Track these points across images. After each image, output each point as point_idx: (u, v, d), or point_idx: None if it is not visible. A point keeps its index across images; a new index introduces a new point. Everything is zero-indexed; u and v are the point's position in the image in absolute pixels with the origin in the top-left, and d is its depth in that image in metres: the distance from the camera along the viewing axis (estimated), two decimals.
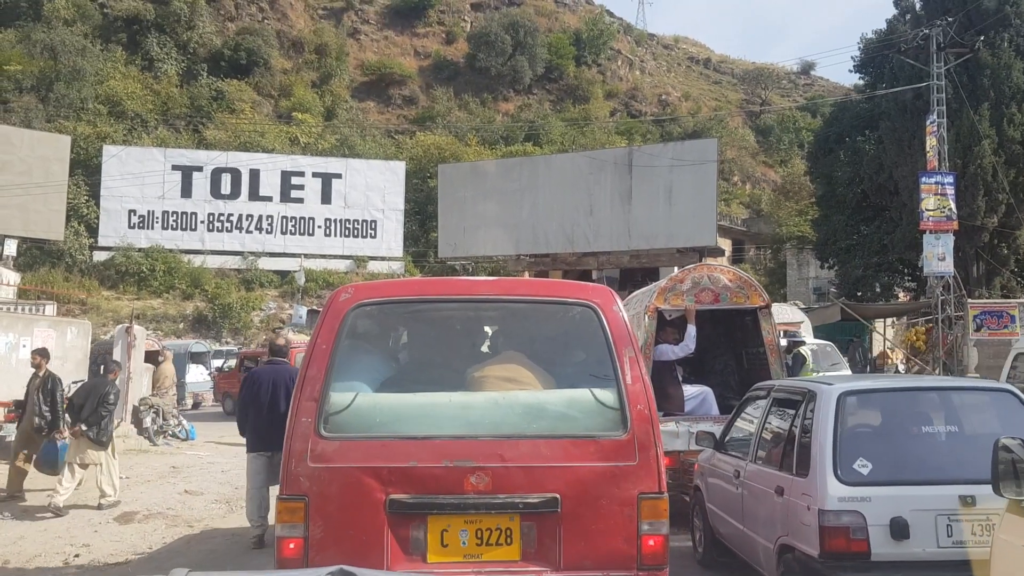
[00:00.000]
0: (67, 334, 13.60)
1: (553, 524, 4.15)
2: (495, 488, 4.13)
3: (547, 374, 4.66)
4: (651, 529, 4.17)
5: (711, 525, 6.75)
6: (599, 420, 4.34)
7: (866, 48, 27.25)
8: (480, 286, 5.10)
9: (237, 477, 11.51)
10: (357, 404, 4.32)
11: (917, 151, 22.89)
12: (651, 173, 35.37)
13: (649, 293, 9.16)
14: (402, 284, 7.09)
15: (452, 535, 4.15)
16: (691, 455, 7.96)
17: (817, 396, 5.07)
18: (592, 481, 4.19)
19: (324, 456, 4.14)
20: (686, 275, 8.89)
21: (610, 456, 4.21)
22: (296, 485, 4.12)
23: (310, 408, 4.20)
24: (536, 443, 4.23)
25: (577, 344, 4.83)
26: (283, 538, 4.08)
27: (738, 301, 8.87)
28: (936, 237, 20.83)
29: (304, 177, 42.97)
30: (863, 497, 4.54)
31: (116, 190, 40.75)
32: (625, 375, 4.31)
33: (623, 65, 69.29)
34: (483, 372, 4.66)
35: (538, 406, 4.48)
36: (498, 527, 4.16)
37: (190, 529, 8.74)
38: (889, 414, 5.09)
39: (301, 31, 57.41)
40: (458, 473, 4.14)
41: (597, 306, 4.51)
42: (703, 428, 7.38)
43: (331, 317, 4.41)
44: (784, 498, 5.10)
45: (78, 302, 37.87)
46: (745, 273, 9.45)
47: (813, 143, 31.53)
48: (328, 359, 4.29)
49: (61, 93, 44.99)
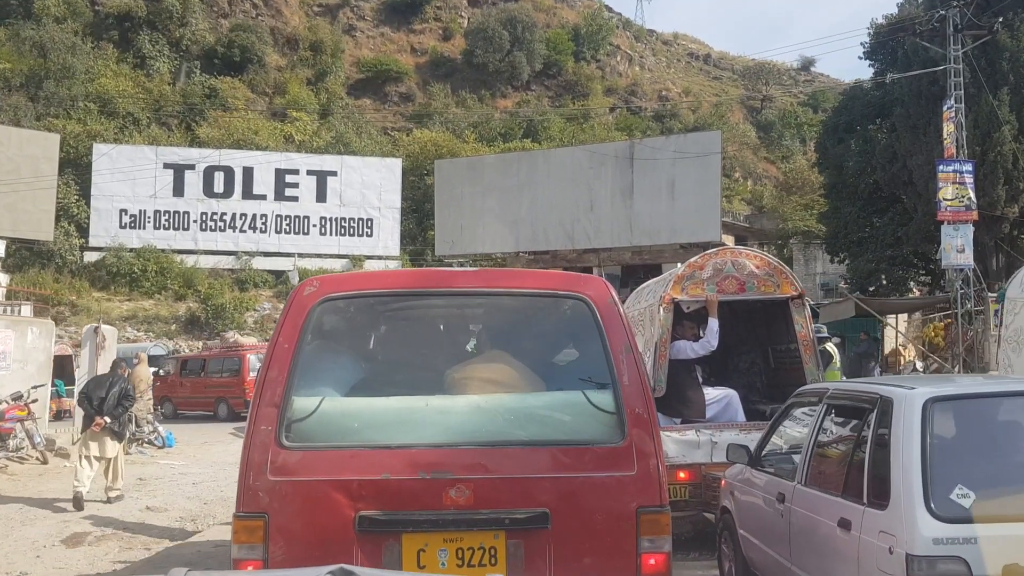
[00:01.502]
0: (27, 335, 12.60)
1: (543, 542, 3.75)
2: (477, 502, 3.73)
3: (535, 375, 4.24)
4: (652, 546, 3.75)
5: (745, 555, 5.70)
6: (593, 426, 3.96)
7: (876, 33, 26.24)
8: (461, 277, 4.61)
9: (208, 490, 10.62)
10: (323, 410, 3.89)
11: (933, 139, 21.93)
12: (653, 167, 34.54)
13: (664, 282, 8.05)
14: (374, 276, 6.02)
15: (430, 555, 3.74)
16: (715, 468, 6.96)
17: (894, 404, 3.97)
18: (586, 493, 3.80)
19: (286, 468, 3.73)
20: (707, 261, 7.76)
21: (606, 465, 3.81)
22: (255, 502, 3.70)
23: (270, 415, 3.77)
24: (523, 452, 3.85)
25: (568, 341, 4.43)
26: (240, 560, 3.67)
27: (767, 290, 7.72)
28: (955, 228, 19.88)
29: (299, 175, 42.25)
30: (966, 538, 3.46)
31: (107, 189, 40.10)
32: (622, 375, 3.89)
33: (622, 61, 68.52)
34: (464, 373, 4.22)
35: (525, 410, 4.10)
36: (481, 546, 3.75)
37: (146, 552, 7.78)
38: (993, 427, 4.00)
39: (296, 28, 56.67)
40: (436, 486, 3.73)
41: (590, 299, 4.07)
42: (735, 440, 6.34)
43: (294, 313, 3.97)
44: (852, 534, 4.01)
45: (67, 304, 37.23)
46: (774, 258, 8.26)
47: (822, 132, 30.56)
48: (291, 360, 3.86)
49: (51, 91, 44.41)
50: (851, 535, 4.02)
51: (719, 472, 6.72)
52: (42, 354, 12.82)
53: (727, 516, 6.14)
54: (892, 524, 3.68)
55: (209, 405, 23.43)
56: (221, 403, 23.26)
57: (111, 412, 10.16)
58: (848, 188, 26.32)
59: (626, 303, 9.93)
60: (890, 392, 4.12)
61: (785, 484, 5.04)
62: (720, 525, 6.39)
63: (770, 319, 8.65)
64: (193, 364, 25.77)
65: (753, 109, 70.02)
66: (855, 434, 4.44)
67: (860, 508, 4.01)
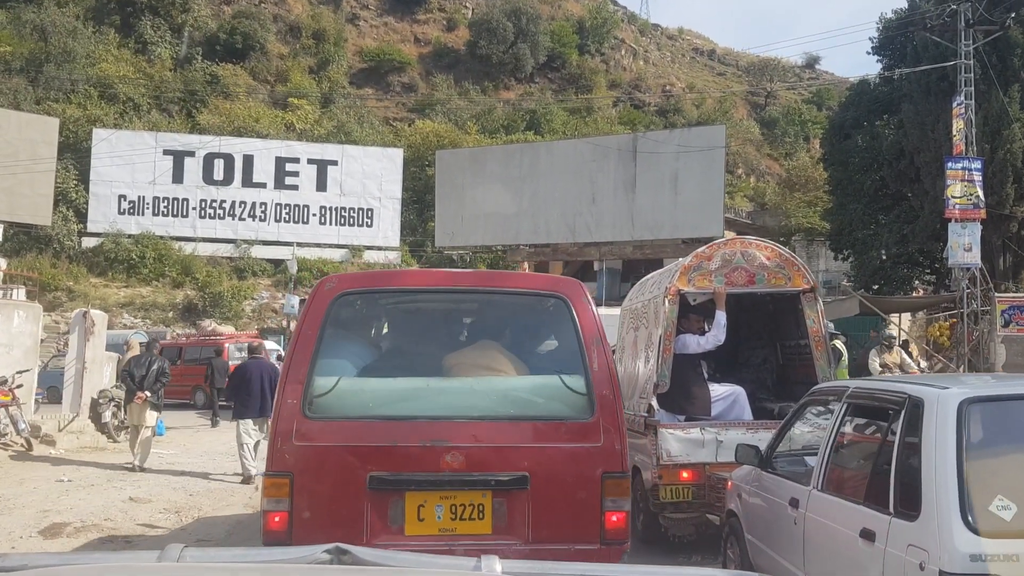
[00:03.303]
0: (13, 319, 12.26)
1: (523, 500, 4.39)
2: (469, 466, 4.36)
3: (520, 361, 4.90)
4: (614, 506, 4.40)
5: (752, 562, 5.37)
6: (567, 404, 4.60)
7: (886, 28, 25.84)
8: (458, 277, 5.48)
9: (195, 482, 10.31)
10: (340, 387, 4.55)
11: (941, 135, 21.58)
12: (656, 160, 34.26)
13: (669, 273, 7.65)
14: (384, 275, 7.73)
15: (428, 510, 4.37)
16: (720, 468, 6.64)
17: (925, 404, 3.61)
18: (559, 460, 4.44)
19: (308, 435, 4.37)
20: (715, 251, 7.37)
21: (577, 437, 4.46)
22: (282, 462, 4.33)
23: (296, 390, 4.40)
24: (508, 425, 4.51)
25: (548, 333, 5.12)
26: (269, 512, 4.28)
27: (777, 283, 7.35)
28: (962, 226, 19.54)
29: (299, 163, 42.01)
30: (1008, 554, 3.11)
31: (106, 174, 39.85)
32: (592, 362, 4.52)
33: (627, 54, 68.12)
34: (459, 359, 4.88)
35: (511, 391, 4.76)
36: (471, 503, 4.39)
37: (127, 545, 7.46)
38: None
39: (299, 16, 56.40)
40: (435, 452, 4.35)
41: (567, 297, 4.72)
42: (744, 441, 6.00)
43: (316, 305, 4.61)
44: (876, 546, 3.66)
45: (64, 289, 36.99)
46: (786, 250, 7.82)
47: (828, 128, 30.15)
48: (313, 345, 4.48)
49: (51, 75, 44.28)
50: (875, 547, 3.67)
51: (725, 472, 6.38)
52: (28, 339, 12.47)
53: (733, 520, 5.80)
54: (923, 537, 3.35)
55: (186, 393, 23.17)
56: (198, 391, 23.05)
57: (151, 387, 11.45)
58: (854, 184, 25.96)
59: (628, 295, 9.61)
60: (921, 392, 3.76)
61: (799, 488, 4.69)
62: (726, 529, 6.04)
63: (779, 313, 8.30)
64: (169, 352, 25.44)
65: (757, 105, 69.65)
66: (880, 436, 4.09)
67: (886, 518, 3.67)
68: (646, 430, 7.27)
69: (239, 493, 9.86)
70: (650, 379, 7.26)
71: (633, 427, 7.26)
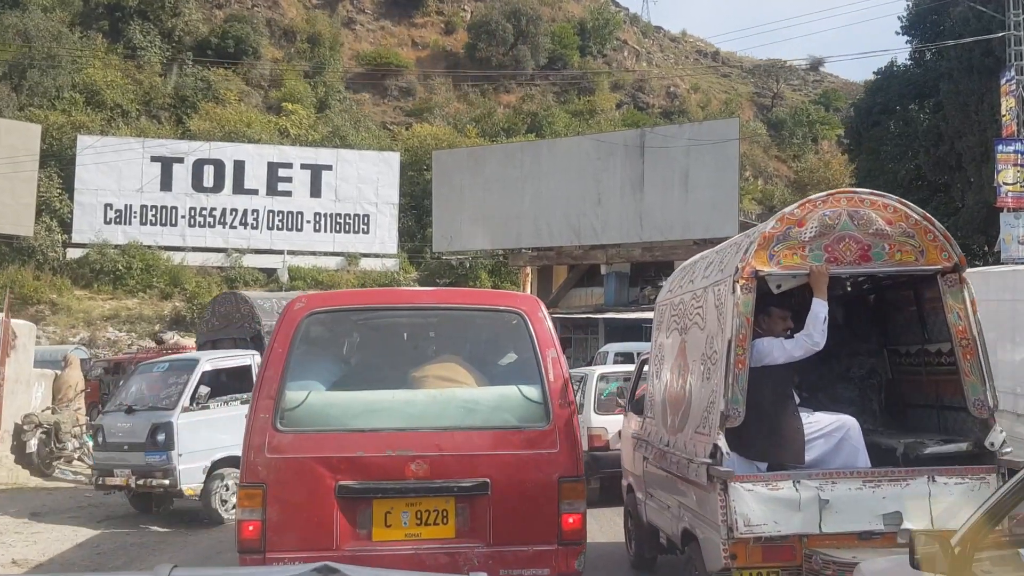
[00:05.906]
0: None
1: (484, 505, 4.78)
2: (433, 474, 4.74)
3: (480, 373, 5.29)
4: (570, 508, 4.78)
5: None
6: (525, 413, 4.98)
7: (916, 4, 24.12)
8: (421, 295, 6.58)
9: (111, 535, 8.37)
10: (310, 401, 4.91)
11: (986, 116, 19.93)
12: (665, 157, 32.60)
13: (739, 247, 5.28)
14: (351, 294, 8.57)
15: (395, 516, 4.75)
16: (823, 542, 4.65)
17: None
18: (518, 467, 4.82)
19: (280, 448, 4.71)
20: (809, 212, 4.97)
21: (534, 444, 4.87)
22: (255, 474, 4.66)
23: (267, 405, 4.75)
24: (469, 434, 4.90)
25: (507, 347, 5.46)
26: (243, 521, 4.62)
27: (904, 259, 5.00)
28: (1016, 216, 18.02)
29: (292, 169, 40.86)
30: None
31: (91, 183, 38.67)
32: (548, 374, 4.92)
33: (630, 56, 67.19)
34: (423, 372, 5.26)
35: (472, 402, 5.11)
36: (435, 508, 4.77)
37: None
38: None
39: (293, 20, 55.36)
40: (400, 461, 4.73)
41: (525, 313, 5.09)
42: (859, 498, 3.91)
43: (286, 324, 4.97)
44: None
45: (47, 303, 35.68)
46: (917, 209, 5.16)
47: (853, 116, 28.44)
48: (284, 361, 4.82)
49: (35, 81, 42.94)
50: None
51: (835, 551, 4.45)
52: None
53: None
54: None
55: None
56: None
57: None
58: (885, 175, 24.24)
59: (667, 284, 7.61)
60: None
61: None
62: None
63: (892, 304, 6.03)
64: (124, 369, 23.30)
65: (763, 107, 68.67)
66: None
67: None
68: (710, 483, 4.99)
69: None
70: (714, 406, 5.05)
71: (686, 474, 5.31)
